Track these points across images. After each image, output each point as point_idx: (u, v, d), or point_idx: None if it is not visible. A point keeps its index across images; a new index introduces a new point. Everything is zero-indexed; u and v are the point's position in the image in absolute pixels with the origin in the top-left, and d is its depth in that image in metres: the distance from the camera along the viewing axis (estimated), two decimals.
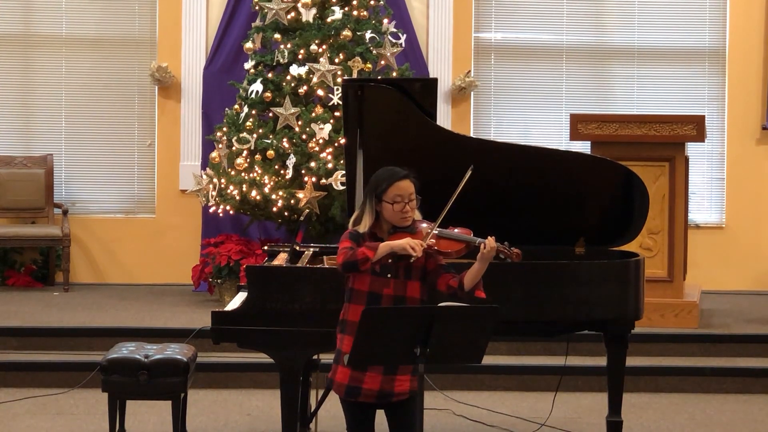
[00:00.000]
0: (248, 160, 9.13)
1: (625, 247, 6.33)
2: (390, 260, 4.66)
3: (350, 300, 4.76)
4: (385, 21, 9.50)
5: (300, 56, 9.21)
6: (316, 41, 9.19)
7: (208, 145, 9.91)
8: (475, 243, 4.69)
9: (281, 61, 9.29)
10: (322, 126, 9.00)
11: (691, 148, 9.11)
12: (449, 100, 10.44)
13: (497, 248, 4.67)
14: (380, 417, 4.82)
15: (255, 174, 9.04)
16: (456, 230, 4.77)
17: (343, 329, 4.76)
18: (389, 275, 4.70)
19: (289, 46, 9.26)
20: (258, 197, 9.01)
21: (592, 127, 8.61)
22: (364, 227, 4.73)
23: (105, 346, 6.93)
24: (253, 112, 9.26)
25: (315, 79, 9.09)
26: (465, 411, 7.23)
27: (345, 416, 4.81)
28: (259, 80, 9.24)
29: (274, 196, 8.97)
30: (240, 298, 5.89)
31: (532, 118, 10.66)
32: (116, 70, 10.49)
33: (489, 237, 4.70)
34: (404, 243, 4.60)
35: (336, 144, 8.94)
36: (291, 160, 8.96)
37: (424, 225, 4.74)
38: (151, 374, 6.04)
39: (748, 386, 7.82)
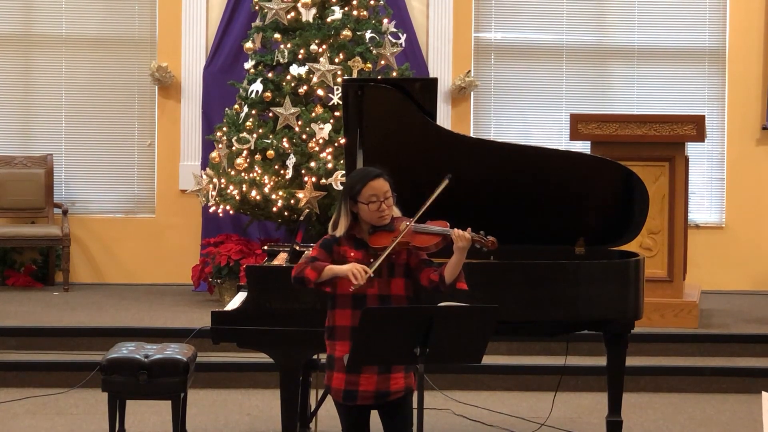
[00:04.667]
0: (248, 160, 9.13)
1: (625, 247, 6.33)
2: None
3: (335, 306, 4.73)
4: (385, 21, 9.50)
5: (300, 56, 9.22)
6: (316, 41, 9.19)
7: (208, 145, 9.91)
8: (450, 234, 4.68)
9: (281, 61, 9.29)
10: (322, 126, 9.00)
11: (691, 148, 9.11)
12: (449, 100, 10.44)
13: (472, 238, 4.66)
14: (374, 417, 4.82)
15: (255, 174, 9.04)
16: (436, 224, 4.75)
17: (331, 335, 4.74)
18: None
19: (289, 46, 9.26)
20: (258, 197, 9.01)
21: (592, 127, 8.61)
22: (340, 231, 4.72)
23: (105, 346, 6.92)
24: (253, 112, 9.26)
25: (315, 79, 9.09)
26: (465, 411, 7.23)
27: (340, 419, 4.80)
28: (259, 80, 9.24)
29: (274, 196, 8.97)
30: (240, 298, 5.89)
31: (532, 118, 10.66)
32: (116, 70, 10.49)
33: (461, 229, 4.68)
34: (346, 269, 4.58)
35: (336, 144, 8.94)
36: (291, 160, 8.97)
37: (404, 223, 4.72)
38: (151, 374, 6.04)
39: (747, 386, 7.81)
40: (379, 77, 8.98)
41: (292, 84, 9.18)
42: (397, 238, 4.65)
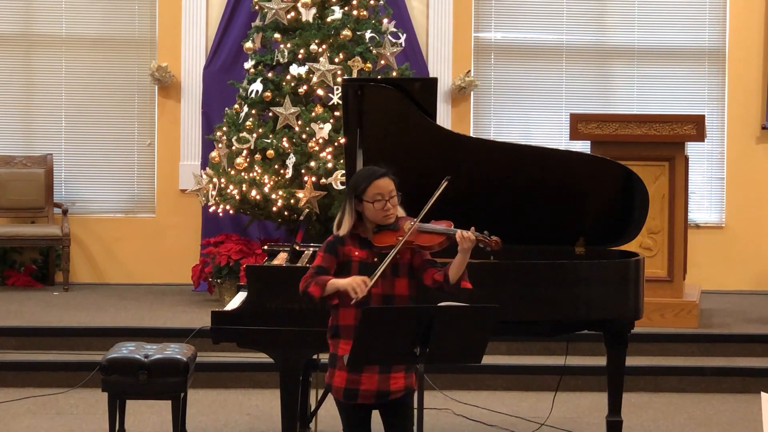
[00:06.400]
0: (248, 159, 9.13)
1: (625, 247, 6.33)
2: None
3: (339, 305, 4.73)
4: (385, 21, 9.50)
5: (300, 56, 9.21)
6: (316, 41, 9.19)
7: (208, 145, 9.91)
8: (454, 235, 4.69)
9: (281, 60, 9.29)
10: (321, 126, 9.00)
11: (691, 148, 9.12)
12: (449, 100, 10.44)
13: (476, 238, 4.66)
14: (375, 416, 4.82)
15: (255, 174, 9.04)
16: (440, 224, 4.75)
17: (335, 334, 4.74)
18: None
19: (288, 45, 9.26)
20: (258, 197, 9.01)
21: (592, 126, 8.62)
22: (344, 230, 4.72)
23: (105, 346, 6.93)
24: (253, 111, 9.26)
25: (315, 79, 9.09)
26: (465, 411, 7.23)
27: (341, 419, 4.80)
28: (258, 80, 9.24)
29: (273, 196, 8.97)
30: (240, 297, 5.89)
31: (532, 118, 10.66)
32: (116, 70, 10.49)
33: (464, 229, 4.68)
34: (346, 284, 4.58)
35: (336, 144, 8.94)
36: (291, 160, 8.97)
37: (409, 222, 4.72)
38: (151, 374, 6.04)
39: (747, 386, 7.81)
40: (379, 77, 8.97)
41: (292, 84, 9.18)
42: (403, 238, 4.65)
